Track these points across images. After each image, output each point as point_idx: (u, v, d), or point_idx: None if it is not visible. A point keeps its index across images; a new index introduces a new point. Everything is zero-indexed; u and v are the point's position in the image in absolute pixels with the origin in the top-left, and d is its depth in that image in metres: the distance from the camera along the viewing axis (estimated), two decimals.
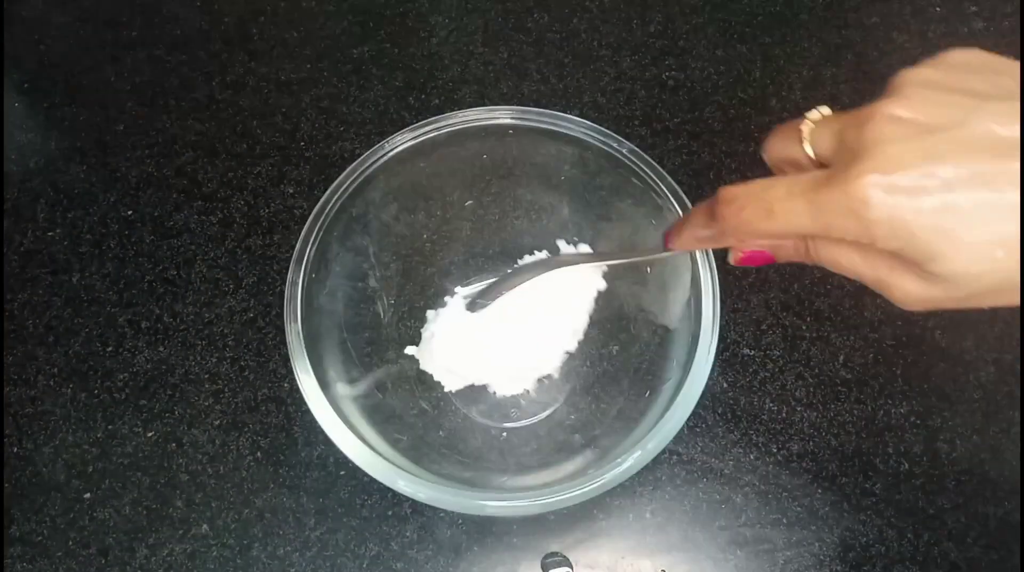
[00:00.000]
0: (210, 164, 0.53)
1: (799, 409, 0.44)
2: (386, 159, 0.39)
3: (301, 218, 0.48)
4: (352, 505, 0.42)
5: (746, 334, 0.46)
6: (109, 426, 0.45)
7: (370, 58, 0.57)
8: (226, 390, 0.45)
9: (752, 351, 0.46)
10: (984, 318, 0.46)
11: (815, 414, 0.44)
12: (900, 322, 0.46)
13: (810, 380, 0.45)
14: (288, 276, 0.36)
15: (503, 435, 0.43)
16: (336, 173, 0.38)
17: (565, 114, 0.39)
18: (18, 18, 0.59)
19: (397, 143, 0.39)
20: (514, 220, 0.45)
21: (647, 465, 0.32)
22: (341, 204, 0.38)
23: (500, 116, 0.40)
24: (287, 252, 0.49)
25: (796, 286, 0.48)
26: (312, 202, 0.38)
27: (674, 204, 0.37)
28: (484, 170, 0.43)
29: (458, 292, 0.41)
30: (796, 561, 0.41)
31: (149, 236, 0.50)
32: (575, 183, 0.42)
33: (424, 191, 0.43)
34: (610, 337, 0.43)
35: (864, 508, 0.42)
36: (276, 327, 0.47)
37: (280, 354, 0.46)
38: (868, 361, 0.46)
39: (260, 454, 0.44)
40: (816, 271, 0.48)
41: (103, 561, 0.41)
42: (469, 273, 0.46)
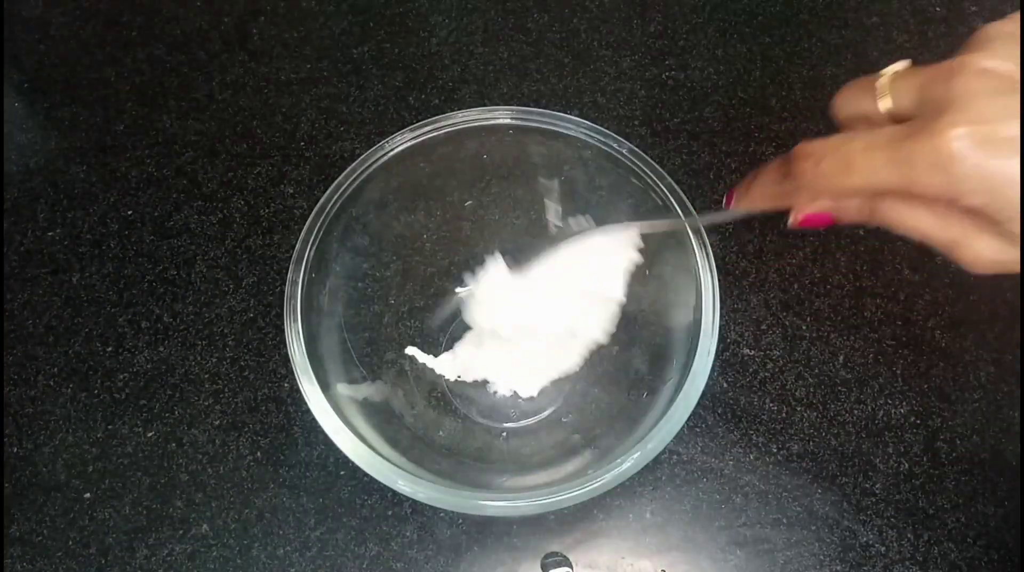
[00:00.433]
0: (210, 164, 0.53)
1: (799, 409, 0.44)
2: (386, 159, 0.39)
3: (301, 218, 0.48)
4: (352, 505, 0.42)
5: (746, 334, 0.46)
6: (109, 426, 0.45)
7: (370, 58, 0.57)
8: (226, 390, 0.45)
9: (752, 351, 0.46)
10: (984, 318, 0.46)
11: (815, 414, 0.44)
12: (900, 322, 0.46)
13: (810, 380, 0.45)
14: (288, 276, 0.36)
15: (503, 435, 0.43)
16: (336, 173, 0.38)
17: (565, 114, 0.39)
18: (18, 18, 0.59)
19: (397, 143, 0.39)
20: (514, 220, 0.45)
21: (647, 465, 0.32)
22: (341, 204, 0.38)
23: (500, 116, 0.40)
24: (287, 252, 0.49)
25: (796, 286, 0.48)
26: (312, 202, 0.38)
27: (674, 204, 0.37)
28: (484, 170, 0.43)
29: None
30: (796, 561, 0.41)
31: (149, 236, 0.50)
32: (575, 183, 0.42)
33: (424, 191, 0.43)
34: (610, 337, 0.43)
35: (864, 508, 0.42)
36: (276, 327, 0.47)
37: (280, 354, 0.46)
38: (868, 361, 0.46)
39: (260, 454, 0.44)
40: (816, 271, 0.48)
41: (103, 561, 0.41)
42: (469, 273, 0.46)
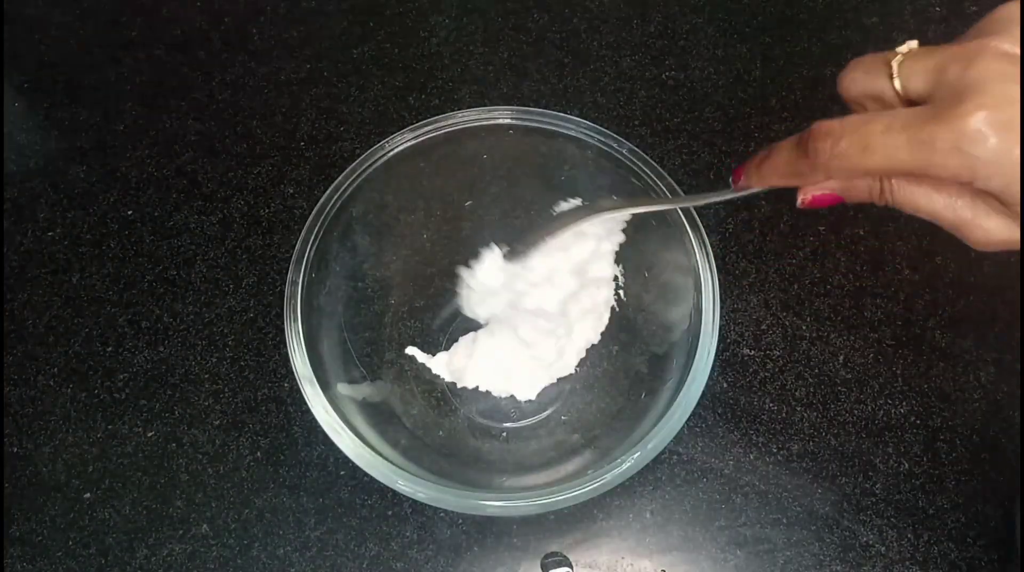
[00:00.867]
0: (210, 164, 0.53)
1: (799, 409, 0.44)
2: (386, 159, 0.39)
3: (301, 218, 0.48)
4: (352, 505, 0.42)
5: (746, 334, 0.46)
6: (109, 426, 0.45)
7: (370, 58, 0.57)
8: (226, 390, 0.45)
9: (752, 351, 0.46)
10: (984, 318, 0.46)
11: (815, 414, 0.44)
12: (900, 322, 0.46)
13: (810, 380, 0.45)
14: (288, 276, 0.36)
15: (503, 435, 0.43)
16: (336, 173, 0.38)
17: (565, 114, 0.39)
18: (18, 18, 0.59)
19: (397, 143, 0.39)
20: (514, 220, 0.45)
21: (647, 465, 0.32)
22: (341, 204, 0.38)
23: (500, 116, 0.40)
24: (287, 252, 0.49)
25: (796, 286, 0.48)
26: (312, 202, 0.38)
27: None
28: (484, 170, 0.43)
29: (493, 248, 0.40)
30: (796, 561, 0.41)
31: (149, 236, 0.50)
32: (575, 183, 0.42)
33: (424, 191, 0.43)
34: (610, 337, 0.43)
35: (864, 508, 0.42)
36: (276, 327, 0.47)
37: (280, 354, 0.46)
38: (868, 361, 0.46)
39: (260, 454, 0.44)
40: (816, 271, 0.48)
41: (103, 561, 0.41)
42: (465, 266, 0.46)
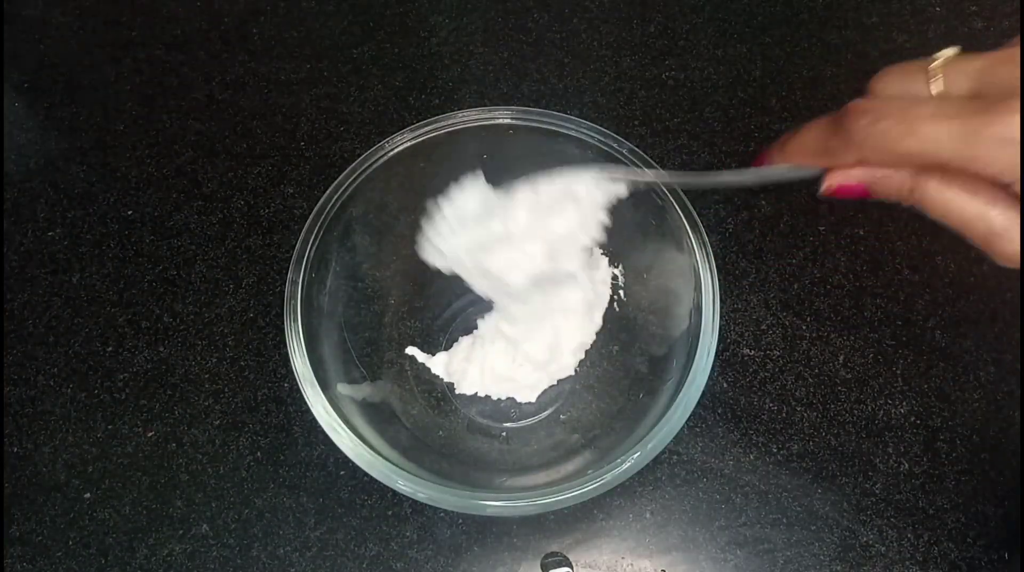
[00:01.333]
0: (210, 164, 0.53)
1: (799, 409, 0.44)
2: (386, 159, 0.39)
3: (301, 218, 0.48)
4: (352, 505, 0.42)
5: (746, 334, 0.46)
6: (109, 426, 0.45)
7: (370, 58, 0.57)
8: (226, 390, 0.45)
9: (752, 351, 0.46)
10: (984, 318, 0.46)
11: (815, 414, 0.44)
12: (900, 322, 0.46)
13: (810, 380, 0.45)
14: (288, 276, 0.36)
15: (503, 435, 0.43)
16: (336, 173, 0.38)
17: (565, 114, 0.39)
18: (18, 18, 0.59)
19: (397, 143, 0.39)
20: None
21: (647, 465, 0.32)
22: (341, 204, 0.38)
23: (500, 116, 0.40)
24: (287, 252, 0.49)
25: (796, 286, 0.48)
26: (312, 202, 0.38)
27: (674, 204, 0.37)
28: (484, 170, 0.43)
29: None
30: (796, 561, 0.41)
31: (149, 236, 0.50)
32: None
33: (424, 191, 0.43)
34: (610, 337, 0.43)
35: (864, 508, 0.42)
36: (276, 327, 0.47)
37: (280, 354, 0.46)
38: (868, 361, 0.46)
39: (260, 454, 0.44)
40: (816, 271, 0.48)
41: (103, 561, 0.41)
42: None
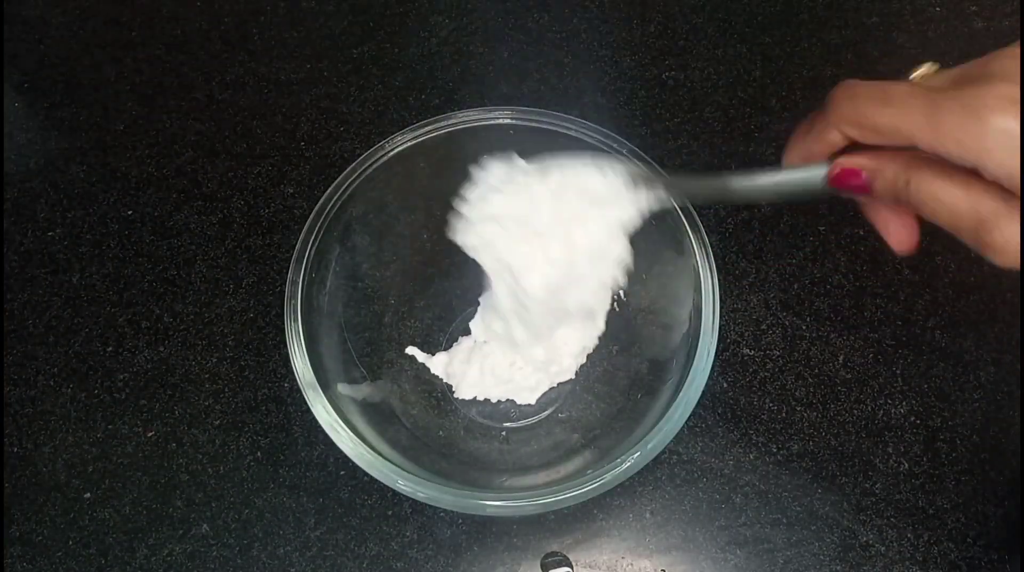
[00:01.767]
0: (210, 164, 0.53)
1: (799, 409, 0.44)
2: (386, 159, 0.39)
3: (301, 218, 0.48)
4: (352, 505, 0.42)
5: (746, 334, 0.46)
6: (109, 426, 0.45)
7: (370, 58, 0.57)
8: (226, 390, 0.45)
9: (752, 351, 0.46)
10: (984, 318, 0.46)
11: (815, 414, 0.44)
12: (900, 322, 0.46)
13: (810, 380, 0.45)
14: (288, 276, 0.36)
15: (503, 435, 0.43)
16: (336, 173, 0.38)
17: (565, 114, 0.39)
18: (18, 18, 0.59)
19: (397, 143, 0.39)
20: None
21: (647, 465, 0.32)
22: (341, 204, 0.38)
23: (500, 116, 0.40)
24: (287, 252, 0.49)
25: (796, 286, 0.48)
26: (312, 202, 0.38)
27: (674, 205, 0.37)
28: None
29: None
30: (796, 561, 0.41)
31: (149, 236, 0.50)
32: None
33: (424, 191, 0.43)
34: (610, 337, 0.43)
35: (864, 508, 0.42)
36: (276, 327, 0.47)
37: (280, 354, 0.46)
38: (868, 361, 0.46)
39: (260, 454, 0.44)
40: (816, 271, 0.48)
41: (103, 561, 0.41)
42: (469, 273, 0.46)
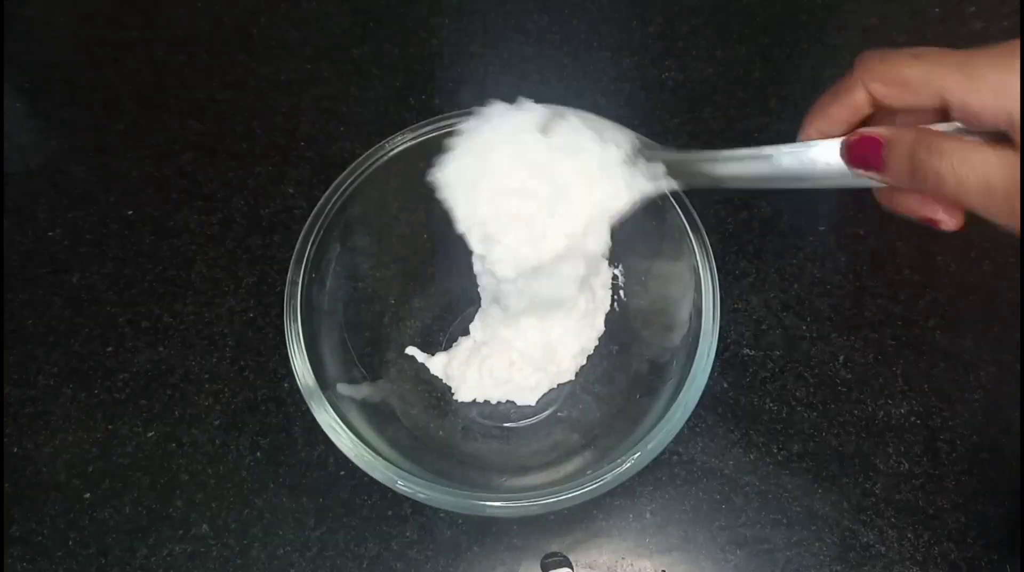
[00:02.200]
0: (210, 164, 0.53)
1: (799, 409, 0.44)
2: (386, 159, 0.39)
3: (301, 218, 0.48)
4: (352, 505, 0.42)
5: (746, 334, 0.46)
6: (109, 426, 0.45)
7: (370, 58, 0.57)
8: (226, 390, 0.45)
9: (752, 351, 0.46)
10: (984, 318, 0.46)
11: (815, 414, 0.44)
12: (900, 322, 0.46)
13: (810, 380, 0.45)
14: (288, 276, 0.36)
15: (503, 435, 0.43)
16: (336, 173, 0.38)
17: None
18: (18, 18, 0.59)
19: (397, 143, 0.39)
20: None
21: (647, 465, 0.32)
22: (341, 204, 0.38)
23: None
24: (287, 252, 0.49)
25: (796, 286, 0.48)
26: (312, 202, 0.38)
27: (674, 205, 0.37)
28: None
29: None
30: (796, 561, 0.41)
31: (149, 236, 0.50)
32: None
33: (424, 191, 0.43)
34: (610, 338, 0.43)
35: (864, 508, 0.42)
36: (276, 327, 0.47)
37: (280, 354, 0.46)
38: (868, 361, 0.46)
39: (260, 454, 0.44)
40: (816, 271, 0.48)
41: (103, 561, 0.41)
42: (469, 273, 0.46)
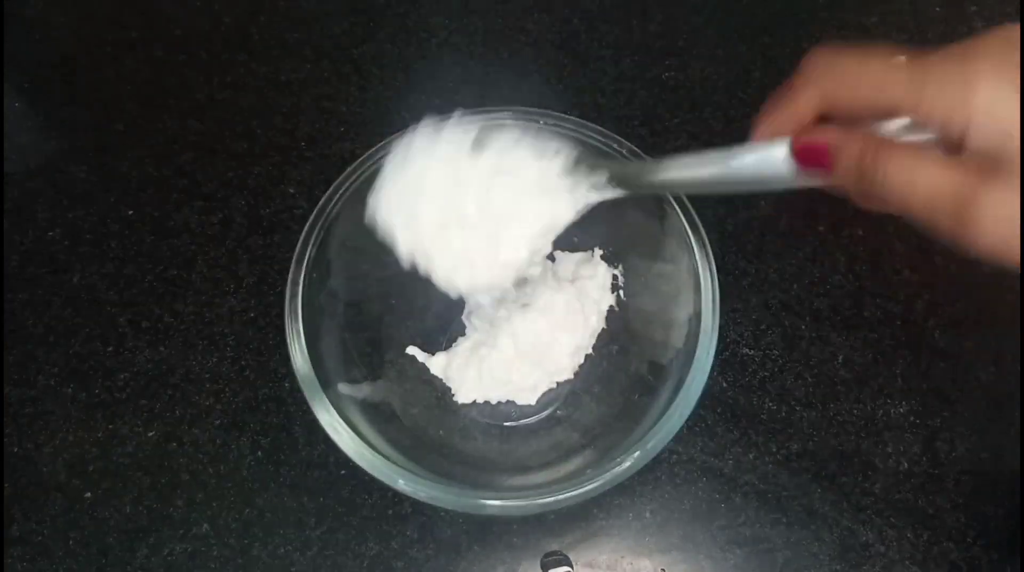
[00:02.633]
0: (210, 164, 0.53)
1: (798, 409, 0.44)
2: (386, 159, 0.39)
3: (301, 218, 0.48)
4: (353, 504, 0.42)
5: (746, 334, 0.46)
6: (109, 426, 0.45)
7: (370, 58, 0.57)
8: (227, 390, 0.45)
9: (752, 351, 0.46)
10: (984, 318, 0.46)
11: (814, 414, 0.44)
12: (900, 322, 0.46)
13: (809, 380, 0.45)
14: (289, 276, 0.36)
15: (503, 434, 0.43)
16: (336, 173, 0.38)
17: (565, 115, 0.39)
18: (18, 18, 0.59)
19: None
20: None
21: (647, 464, 0.32)
22: (342, 204, 0.38)
23: (500, 116, 0.39)
24: (287, 252, 0.49)
25: (796, 286, 0.48)
26: (312, 202, 0.38)
27: (674, 204, 0.37)
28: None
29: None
30: (796, 561, 0.41)
31: (149, 236, 0.50)
32: None
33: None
34: (610, 337, 0.43)
35: (864, 508, 0.42)
36: (276, 327, 0.47)
37: (280, 354, 0.46)
38: (868, 361, 0.46)
39: (261, 453, 0.44)
40: (816, 271, 0.48)
41: (103, 561, 0.41)
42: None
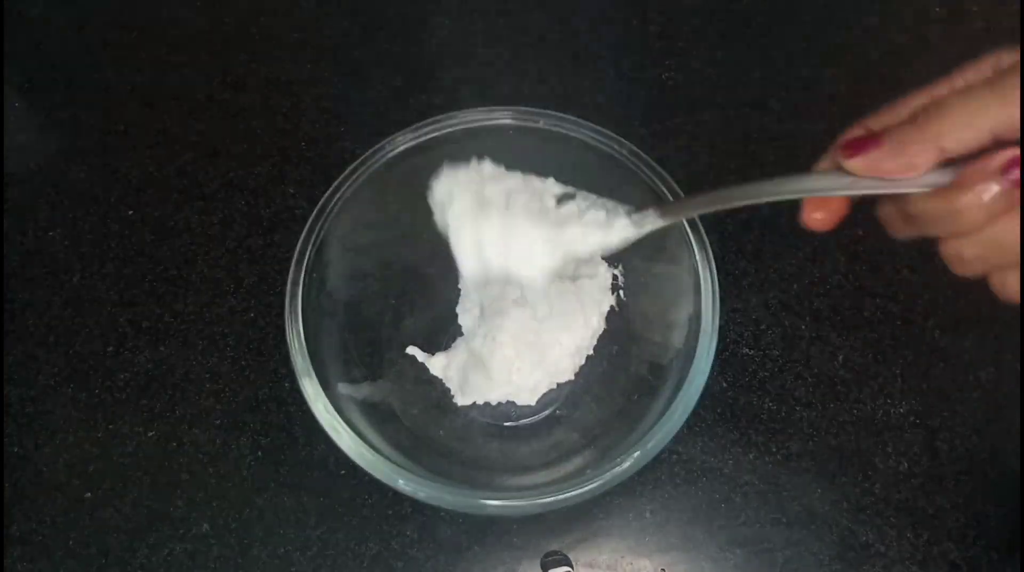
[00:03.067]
0: (210, 164, 0.53)
1: (798, 409, 0.44)
2: (386, 159, 0.39)
3: (301, 218, 0.48)
4: (353, 504, 0.42)
5: (746, 334, 0.46)
6: (109, 426, 0.45)
7: (371, 59, 0.57)
8: (227, 390, 0.45)
9: (751, 351, 0.46)
10: (984, 318, 0.46)
11: (814, 413, 0.44)
12: (900, 322, 0.46)
13: (809, 380, 0.45)
14: (289, 276, 0.36)
15: (503, 434, 0.43)
16: (336, 173, 0.38)
17: (565, 115, 0.39)
18: (18, 18, 0.59)
19: (397, 143, 0.39)
20: None
21: (647, 464, 0.32)
22: (342, 204, 0.38)
23: (500, 117, 0.40)
24: (288, 252, 0.49)
25: (796, 286, 0.48)
26: (312, 202, 0.38)
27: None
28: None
29: None
30: (796, 561, 0.41)
31: (149, 236, 0.50)
32: (575, 185, 0.42)
33: (424, 191, 0.43)
34: (610, 338, 0.43)
35: (864, 508, 0.42)
36: (276, 327, 0.47)
37: (280, 354, 0.46)
38: (868, 361, 0.46)
39: (261, 454, 0.44)
40: (816, 271, 0.48)
41: (103, 561, 0.41)
42: None
